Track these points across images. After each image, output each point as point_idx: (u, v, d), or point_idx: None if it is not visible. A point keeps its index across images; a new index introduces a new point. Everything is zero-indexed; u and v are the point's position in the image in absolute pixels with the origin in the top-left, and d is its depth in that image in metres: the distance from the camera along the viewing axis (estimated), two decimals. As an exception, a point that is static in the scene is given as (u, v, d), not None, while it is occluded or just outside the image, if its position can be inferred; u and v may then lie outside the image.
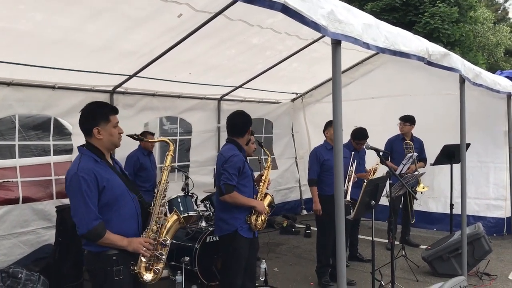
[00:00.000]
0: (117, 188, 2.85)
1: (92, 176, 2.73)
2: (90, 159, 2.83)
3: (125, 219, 2.88)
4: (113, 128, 2.89)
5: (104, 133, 2.86)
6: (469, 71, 4.50)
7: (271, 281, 5.56)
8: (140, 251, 2.83)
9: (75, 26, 4.31)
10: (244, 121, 4.14)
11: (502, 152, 7.27)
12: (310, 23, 2.37)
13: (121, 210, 2.86)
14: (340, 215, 2.70)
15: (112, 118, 2.90)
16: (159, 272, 2.91)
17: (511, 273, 5.72)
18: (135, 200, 2.95)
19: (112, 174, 2.88)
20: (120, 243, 2.80)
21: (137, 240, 2.84)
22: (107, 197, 2.78)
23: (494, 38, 26.76)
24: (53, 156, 5.84)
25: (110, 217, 2.81)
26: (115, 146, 2.96)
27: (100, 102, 3.05)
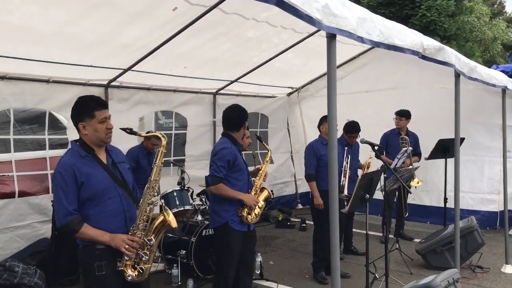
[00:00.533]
0: (99, 184, 2.80)
1: (70, 171, 2.73)
2: (75, 154, 2.82)
3: (110, 215, 2.83)
4: (99, 123, 2.83)
5: (89, 129, 2.83)
6: (464, 65, 4.51)
7: (267, 274, 5.59)
8: (121, 249, 2.75)
9: (70, 20, 4.29)
10: (240, 115, 4.14)
11: (497, 146, 7.30)
12: (304, 16, 2.37)
13: (105, 206, 2.82)
14: (334, 209, 2.71)
15: (98, 114, 2.82)
16: (143, 272, 2.83)
17: (503, 266, 5.77)
18: (122, 196, 2.90)
19: (98, 169, 2.83)
20: (101, 238, 2.77)
21: (120, 237, 2.78)
22: (87, 192, 2.76)
23: (491, 33, 26.80)
24: (49, 150, 5.84)
25: (92, 212, 2.79)
26: (102, 141, 2.90)
27: (88, 96, 2.94)
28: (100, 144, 2.92)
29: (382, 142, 7.00)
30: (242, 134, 4.17)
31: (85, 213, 2.78)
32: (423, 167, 6.92)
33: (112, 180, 2.87)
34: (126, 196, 2.93)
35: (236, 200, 3.98)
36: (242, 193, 4.01)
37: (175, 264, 5.29)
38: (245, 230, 4.06)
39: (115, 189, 2.87)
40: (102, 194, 2.81)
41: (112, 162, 2.96)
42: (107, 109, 2.92)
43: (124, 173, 3.00)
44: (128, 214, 2.91)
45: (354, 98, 8.29)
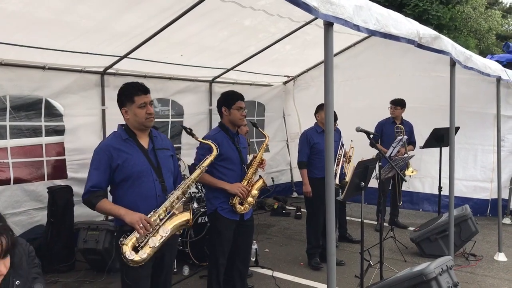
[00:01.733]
0: (136, 166, 2.94)
1: (107, 152, 2.91)
2: (117, 137, 3.01)
3: (143, 198, 2.95)
4: (138, 108, 2.96)
5: (130, 114, 2.99)
6: (460, 54, 4.52)
7: (262, 261, 5.64)
8: (135, 226, 2.81)
9: (67, 6, 4.27)
10: (219, 100, 4.07)
11: (491, 134, 7.37)
12: (301, 4, 2.37)
13: (139, 188, 2.94)
14: (330, 197, 2.73)
15: (137, 99, 2.96)
16: (142, 259, 2.82)
17: (496, 254, 5.84)
18: (156, 181, 3.00)
19: (136, 152, 2.98)
20: (117, 211, 2.88)
21: (138, 215, 2.84)
22: (123, 173, 2.92)
23: (486, 23, 26.78)
24: (45, 137, 5.83)
25: (127, 192, 2.94)
26: (144, 126, 3.02)
27: (130, 83, 3.07)
28: (142, 128, 3.05)
29: (377, 130, 7.03)
30: (228, 119, 4.02)
31: (121, 192, 2.96)
32: (417, 154, 6.97)
33: (149, 165, 2.99)
34: (160, 182, 3.02)
35: (221, 188, 3.93)
36: (225, 182, 3.91)
37: (171, 251, 5.32)
38: (237, 219, 4.00)
39: (150, 174, 2.99)
40: (138, 176, 2.94)
41: (152, 148, 3.07)
42: (148, 94, 3.03)
43: (162, 159, 3.09)
44: (160, 199, 3.00)
45: (349, 85, 8.30)
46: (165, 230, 2.91)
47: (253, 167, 4.07)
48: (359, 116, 6.96)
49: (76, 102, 5.94)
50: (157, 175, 3.02)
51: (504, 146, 7.22)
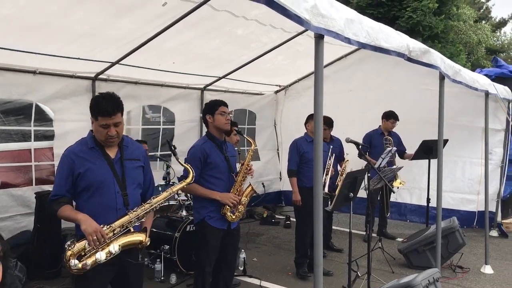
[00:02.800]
0: (97, 176, 2.83)
1: (70, 160, 2.84)
2: (83, 144, 2.92)
3: (103, 209, 2.82)
4: (99, 127, 2.82)
5: (93, 127, 2.90)
6: (449, 68, 4.58)
7: (250, 270, 5.62)
8: (88, 237, 2.67)
9: (59, 11, 4.26)
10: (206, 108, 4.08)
11: (479, 148, 7.44)
12: (293, 16, 2.40)
13: (99, 199, 2.83)
14: (318, 206, 2.74)
15: (100, 119, 2.80)
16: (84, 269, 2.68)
17: (483, 266, 5.88)
18: (118, 194, 2.87)
19: (101, 162, 2.86)
20: (75, 216, 2.77)
21: (95, 226, 2.70)
22: (84, 183, 2.83)
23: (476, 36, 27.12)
24: (34, 142, 5.79)
25: (86, 202, 2.85)
26: (103, 143, 2.89)
27: (101, 101, 2.83)
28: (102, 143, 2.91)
29: (365, 141, 7.08)
30: (213, 126, 4.01)
31: (81, 202, 2.88)
32: (406, 166, 7.03)
33: (113, 176, 2.87)
34: (122, 195, 2.89)
35: (212, 198, 3.91)
36: (216, 192, 3.91)
37: (158, 259, 5.30)
38: (225, 228, 3.99)
39: (113, 185, 2.87)
40: (98, 187, 2.84)
41: (120, 158, 2.94)
42: (113, 116, 2.81)
43: (129, 170, 2.95)
44: (120, 213, 2.87)
45: (340, 97, 8.36)
46: (115, 247, 2.75)
47: (241, 175, 4.07)
48: (350, 127, 7.00)
49: (66, 107, 5.91)
50: (120, 187, 2.88)
51: (491, 159, 7.31)
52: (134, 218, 2.88)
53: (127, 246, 2.84)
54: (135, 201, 2.97)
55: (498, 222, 7.68)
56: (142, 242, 2.90)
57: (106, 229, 2.76)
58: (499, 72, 8.09)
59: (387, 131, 7.10)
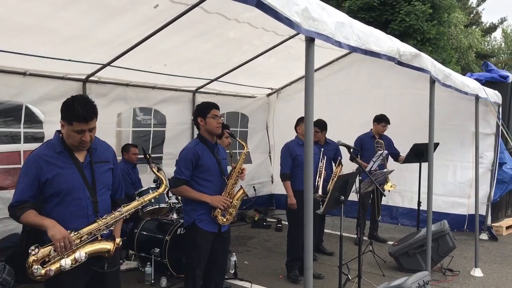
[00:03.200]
0: (67, 182, 2.71)
1: (36, 164, 2.68)
2: (50, 148, 2.76)
3: (73, 217, 2.72)
4: (73, 132, 2.69)
5: (65, 131, 2.74)
6: (439, 72, 4.60)
7: (241, 274, 5.60)
8: (56, 243, 2.56)
9: (49, 13, 4.23)
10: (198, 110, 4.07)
11: (469, 151, 7.49)
12: (284, 19, 2.40)
13: (69, 206, 2.72)
14: (309, 209, 2.74)
15: (76, 125, 2.66)
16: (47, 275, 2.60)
17: (473, 269, 5.91)
18: (89, 200, 2.77)
19: (69, 167, 2.74)
20: (41, 222, 2.63)
21: (63, 232, 2.60)
22: (52, 189, 2.69)
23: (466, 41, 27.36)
24: (24, 144, 5.74)
25: (55, 209, 2.71)
26: (76, 148, 2.77)
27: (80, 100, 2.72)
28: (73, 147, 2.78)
29: (357, 145, 7.09)
30: (205, 129, 3.99)
31: (49, 208, 2.72)
32: (398, 170, 7.06)
33: (82, 182, 2.76)
34: (92, 201, 2.79)
35: (202, 201, 3.90)
36: (206, 195, 3.89)
37: (149, 262, 5.27)
38: (215, 231, 3.97)
39: (83, 191, 2.76)
40: (68, 193, 2.72)
41: (89, 162, 2.83)
42: (90, 122, 2.70)
43: (98, 175, 2.85)
44: (91, 219, 2.78)
45: (331, 100, 8.40)
46: (81, 254, 2.66)
47: (232, 178, 4.06)
48: (342, 131, 7.02)
49: (57, 109, 5.76)
50: (90, 193, 2.78)
51: (482, 163, 7.35)
52: (103, 225, 2.79)
53: (94, 253, 2.75)
54: (106, 206, 2.89)
55: (488, 225, 7.72)
56: (110, 250, 2.80)
57: (73, 235, 2.66)
58: (489, 76, 8.15)
59: (379, 135, 7.13)
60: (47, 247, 2.62)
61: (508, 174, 7.78)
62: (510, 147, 8.05)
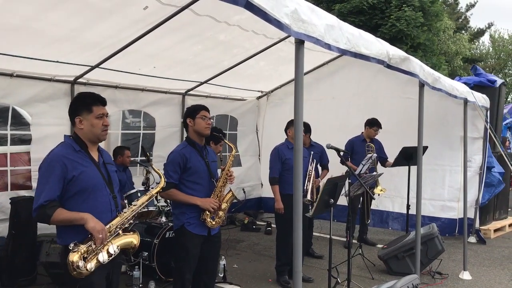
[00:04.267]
0: (91, 179, 2.80)
1: (61, 163, 2.71)
2: (68, 147, 2.82)
3: (99, 212, 2.79)
4: (96, 119, 2.84)
5: (85, 123, 2.84)
6: (428, 76, 4.63)
7: (230, 277, 5.57)
8: (96, 234, 2.66)
9: (37, 14, 4.19)
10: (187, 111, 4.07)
11: (458, 155, 7.55)
12: (273, 21, 2.39)
13: (94, 202, 2.80)
14: (298, 213, 2.73)
15: (96, 109, 2.85)
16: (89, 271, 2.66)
17: (461, 272, 5.93)
18: (110, 196, 2.90)
19: (90, 166, 2.83)
20: (79, 216, 2.69)
21: (101, 224, 2.72)
22: (79, 186, 2.75)
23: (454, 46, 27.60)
24: (10, 146, 5.66)
25: (82, 206, 2.75)
26: (97, 138, 2.91)
27: (87, 92, 2.96)
28: (94, 141, 2.92)
29: (347, 148, 7.11)
30: (193, 130, 3.97)
31: (74, 205, 2.75)
32: (387, 174, 7.08)
33: (102, 179, 2.87)
34: (113, 197, 2.93)
35: (192, 204, 3.88)
36: (196, 197, 3.87)
37: (137, 266, 5.22)
38: (205, 235, 3.94)
39: (105, 188, 2.87)
40: (93, 190, 2.80)
41: (103, 162, 2.97)
42: (105, 106, 2.93)
43: (112, 175, 2.99)
44: (113, 214, 2.90)
45: (321, 104, 8.41)
46: (114, 247, 2.78)
47: (221, 180, 4.03)
48: (332, 134, 7.02)
49: (44, 111, 5.81)
50: (109, 189, 2.91)
51: (470, 167, 7.40)
52: (126, 219, 2.91)
53: (123, 247, 2.86)
54: (120, 202, 3.01)
55: (476, 228, 7.77)
56: (135, 244, 2.93)
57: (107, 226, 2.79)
58: (478, 80, 8.21)
59: (369, 138, 7.15)
60: (87, 242, 2.68)
61: (496, 178, 7.84)
62: (498, 151, 8.12)
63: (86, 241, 2.70)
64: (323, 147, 5.98)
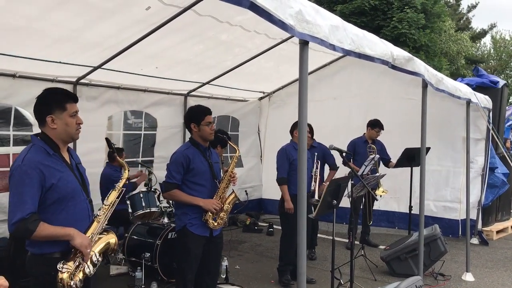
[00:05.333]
0: (69, 185, 2.59)
1: (37, 170, 2.46)
2: (41, 151, 2.56)
3: (77, 219, 2.61)
4: (70, 117, 2.62)
5: (58, 123, 2.60)
6: (432, 76, 4.61)
7: (232, 278, 5.56)
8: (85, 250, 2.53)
9: (39, 14, 4.18)
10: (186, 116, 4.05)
11: (461, 156, 7.53)
12: (277, 22, 2.38)
13: (73, 209, 2.60)
14: (302, 214, 2.72)
15: (69, 106, 2.62)
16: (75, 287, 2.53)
17: (464, 274, 5.91)
18: (87, 201, 2.72)
19: (66, 169, 2.62)
20: (64, 232, 2.51)
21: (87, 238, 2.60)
22: (57, 194, 2.53)
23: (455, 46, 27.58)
24: (13, 147, 5.66)
25: (59, 217, 2.55)
26: (71, 138, 2.69)
27: (57, 88, 2.74)
28: (68, 141, 2.71)
29: (349, 149, 7.08)
30: (198, 135, 3.95)
31: (52, 218, 2.52)
32: (392, 174, 7.08)
33: (78, 183, 2.68)
34: (89, 201, 2.74)
35: (195, 204, 3.87)
36: (199, 198, 3.85)
37: (139, 267, 5.21)
38: (207, 236, 3.93)
39: (81, 193, 2.68)
40: (72, 197, 2.60)
41: (75, 164, 2.76)
42: (77, 103, 2.70)
43: (84, 177, 2.80)
44: (90, 219, 2.74)
45: (323, 105, 8.40)
46: (96, 256, 2.63)
47: (224, 182, 4.01)
48: (335, 135, 7.02)
49: (46, 111, 5.79)
50: (85, 194, 2.71)
51: (473, 168, 7.39)
52: (102, 222, 2.75)
53: (103, 251, 2.72)
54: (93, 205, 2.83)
55: (479, 229, 7.75)
56: (115, 242, 2.78)
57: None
58: (480, 81, 8.20)
59: (371, 139, 7.14)
60: (73, 257, 2.55)
61: (500, 179, 7.82)
62: (500, 152, 8.10)
63: (71, 257, 2.55)
64: (326, 147, 5.96)
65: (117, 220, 5.50)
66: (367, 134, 7.16)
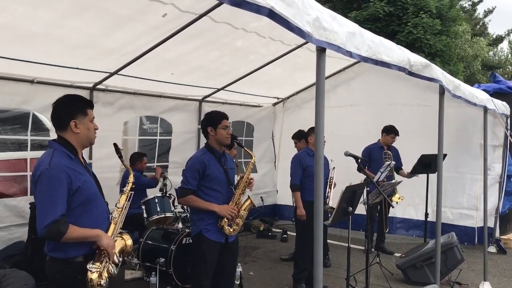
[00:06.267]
0: (92, 187, 2.68)
1: (65, 174, 2.52)
2: (64, 155, 2.61)
3: (98, 222, 2.69)
4: (90, 123, 2.75)
5: (81, 127, 2.69)
6: (449, 82, 4.56)
7: (246, 284, 5.55)
8: (111, 250, 2.63)
9: (57, 21, 4.23)
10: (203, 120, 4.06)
11: (478, 163, 7.44)
12: (295, 29, 2.37)
13: (96, 212, 2.68)
14: (319, 221, 2.70)
15: (89, 112, 2.76)
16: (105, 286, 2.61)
17: (481, 283, 5.82)
18: (105, 203, 2.80)
19: (86, 173, 2.70)
20: (91, 233, 2.60)
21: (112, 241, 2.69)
22: (83, 197, 2.60)
23: (471, 50, 27.29)
24: (30, 151, 5.73)
25: (83, 219, 2.61)
26: (90, 142, 2.82)
27: (75, 95, 2.84)
28: (86, 146, 2.83)
29: (365, 155, 7.04)
30: (214, 139, 3.97)
31: (77, 220, 2.58)
32: (409, 181, 7.01)
33: (96, 186, 2.77)
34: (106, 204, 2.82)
35: (210, 210, 3.87)
36: (214, 204, 3.85)
37: (154, 272, 5.22)
38: (222, 242, 3.93)
39: (100, 196, 2.77)
40: (94, 199, 2.68)
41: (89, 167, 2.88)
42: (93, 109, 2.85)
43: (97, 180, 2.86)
44: (109, 221, 2.81)
45: (339, 111, 8.36)
46: (117, 256, 2.72)
47: (240, 188, 4.02)
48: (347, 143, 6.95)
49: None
50: (102, 196, 2.80)
51: (490, 175, 7.29)
52: (119, 224, 2.83)
53: (120, 252, 2.80)
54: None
55: (496, 238, 7.63)
56: (131, 244, 2.88)
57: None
58: (497, 87, 8.10)
59: (387, 146, 7.09)
60: (100, 258, 2.63)
61: (517, 186, 7.71)
62: (518, 159, 7.98)
63: (98, 258, 2.62)
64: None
65: (132, 224, 5.53)
66: (382, 140, 7.11)
